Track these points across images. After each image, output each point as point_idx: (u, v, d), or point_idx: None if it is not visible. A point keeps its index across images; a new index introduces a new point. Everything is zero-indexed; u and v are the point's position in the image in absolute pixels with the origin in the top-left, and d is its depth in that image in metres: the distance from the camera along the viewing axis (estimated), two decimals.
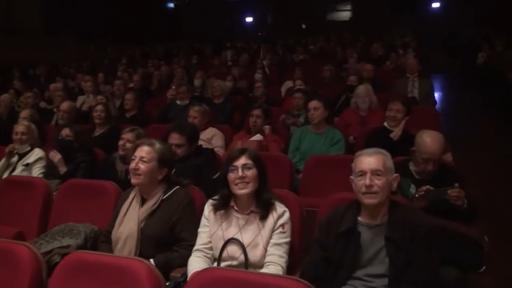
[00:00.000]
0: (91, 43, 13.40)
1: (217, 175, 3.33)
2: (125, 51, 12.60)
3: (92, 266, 1.87)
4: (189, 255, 2.35)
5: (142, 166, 2.49)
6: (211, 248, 2.33)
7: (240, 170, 2.28)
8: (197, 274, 1.82)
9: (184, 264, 2.33)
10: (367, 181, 2.14)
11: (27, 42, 12.59)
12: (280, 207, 2.33)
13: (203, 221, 2.39)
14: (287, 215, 2.32)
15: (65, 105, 5.32)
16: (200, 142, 3.77)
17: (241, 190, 2.28)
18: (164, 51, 13.15)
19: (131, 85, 7.40)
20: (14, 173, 4.00)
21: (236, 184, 2.28)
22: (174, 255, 2.41)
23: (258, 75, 7.50)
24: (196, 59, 11.12)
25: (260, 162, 2.34)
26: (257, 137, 4.23)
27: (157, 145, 2.57)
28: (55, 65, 11.43)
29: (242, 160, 2.30)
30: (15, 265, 2.06)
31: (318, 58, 10.43)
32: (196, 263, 2.26)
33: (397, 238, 2.13)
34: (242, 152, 2.35)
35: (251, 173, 2.29)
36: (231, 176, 2.30)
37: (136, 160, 2.50)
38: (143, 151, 2.52)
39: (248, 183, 2.28)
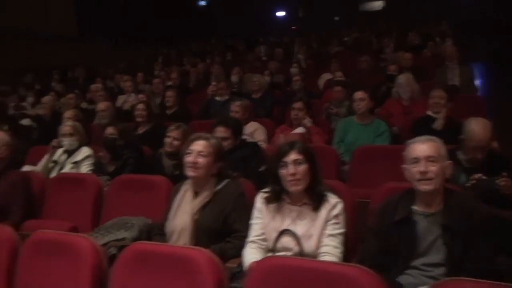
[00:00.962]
0: (126, 44, 13.63)
1: (263, 168, 3.35)
2: (159, 50, 12.76)
3: (154, 257, 1.91)
4: (242, 246, 2.37)
5: (201, 160, 2.52)
6: (265, 240, 2.33)
7: (291, 166, 2.26)
8: (259, 263, 1.83)
9: (238, 255, 2.35)
10: (422, 167, 2.13)
11: (63, 46, 12.91)
12: (333, 198, 2.31)
13: (255, 213, 2.40)
14: (340, 206, 2.30)
15: (102, 105, 5.47)
16: (243, 137, 3.79)
17: (294, 187, 2.27)
18: (198, 48, 13.26)
19: (170, 83, 7.49)
20: (63, 171, 4.12)
21: (288, 181, 2.27)
22: (228, 246, 2.43)
23: (294, 69, 7.45)
24: (231, 56, 11.16)
25: (311, 155, 2.32)
26: (300, 129, 4.22)
27: (213, 140, 2.61)
28: (92, 67, 11.68)
29: (293, 156, 2.28)
30: (77, 256, 2.12)
31: (353, 49, 10.30)
32: (251, 254, 2.27)
33: (454, 226, 2.10)
34: (291, 146, 2.32)
35: (302, 169, 2.26)
36: (283, 172, 2.28)
37: (194, 154, 2.53)
38: (200, 145, 2.55)
39: (299, 179, 2.26)
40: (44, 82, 10.55)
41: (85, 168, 4.08)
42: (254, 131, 4.41)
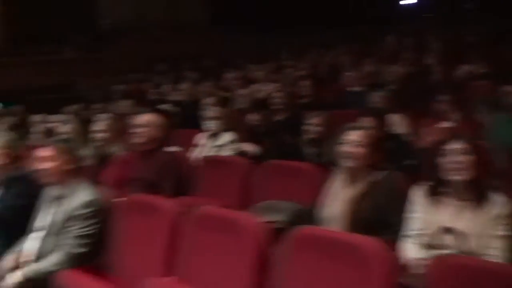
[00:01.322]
0: (256, 33, 13.86)
1: (409, 161, 3.27)
2: (287, 40, 12.82)
3: (323, 242, 1.94)
4: (396, 239, 2.32)
5: (359, 150, 2.47)
6: (422, 235, 2.26)
7: (453, 154, 2.18)
8: (438, 262, 1.77)
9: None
10: None
11: (195, 35, 13.46)
12: (500, 198, 2.17)
13: (413, 207, 2.34)
14: (508, 207, 2.15)
15: (242, 90, 5.71)
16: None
17: (455, 176, 2.17)
18: (327, 38, 13.14)
19: (300, 72, 7.55)
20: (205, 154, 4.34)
21: (449, 169, 2.18)
22: (384, 239, 2.40)
23: (432, 60, 7.12)
24: (359, 46, 10.91)
25: (478, 147, 2.22)
26: (447, 123, 4.04)
27: (370, 130, 2.58)
28: (224, 56, 12.07)
29: (456, 145, 2.20)
30: (242, 233, 2.20)
31: (493, 38, 9.52)
32: (412, 250, 2.23)
33: None
34: (455, 136, 2.26)
35: (466, 158, 2.17)
36: (443, 160, 2.21)
37: (351, 143, 2.49)
38: (358, 135, 2.50)
39: (462, 169, 2.16)
40: (177, 70, 11.17)
41: (227, 152, 4.28)
42: (396, 123, 4.29)
